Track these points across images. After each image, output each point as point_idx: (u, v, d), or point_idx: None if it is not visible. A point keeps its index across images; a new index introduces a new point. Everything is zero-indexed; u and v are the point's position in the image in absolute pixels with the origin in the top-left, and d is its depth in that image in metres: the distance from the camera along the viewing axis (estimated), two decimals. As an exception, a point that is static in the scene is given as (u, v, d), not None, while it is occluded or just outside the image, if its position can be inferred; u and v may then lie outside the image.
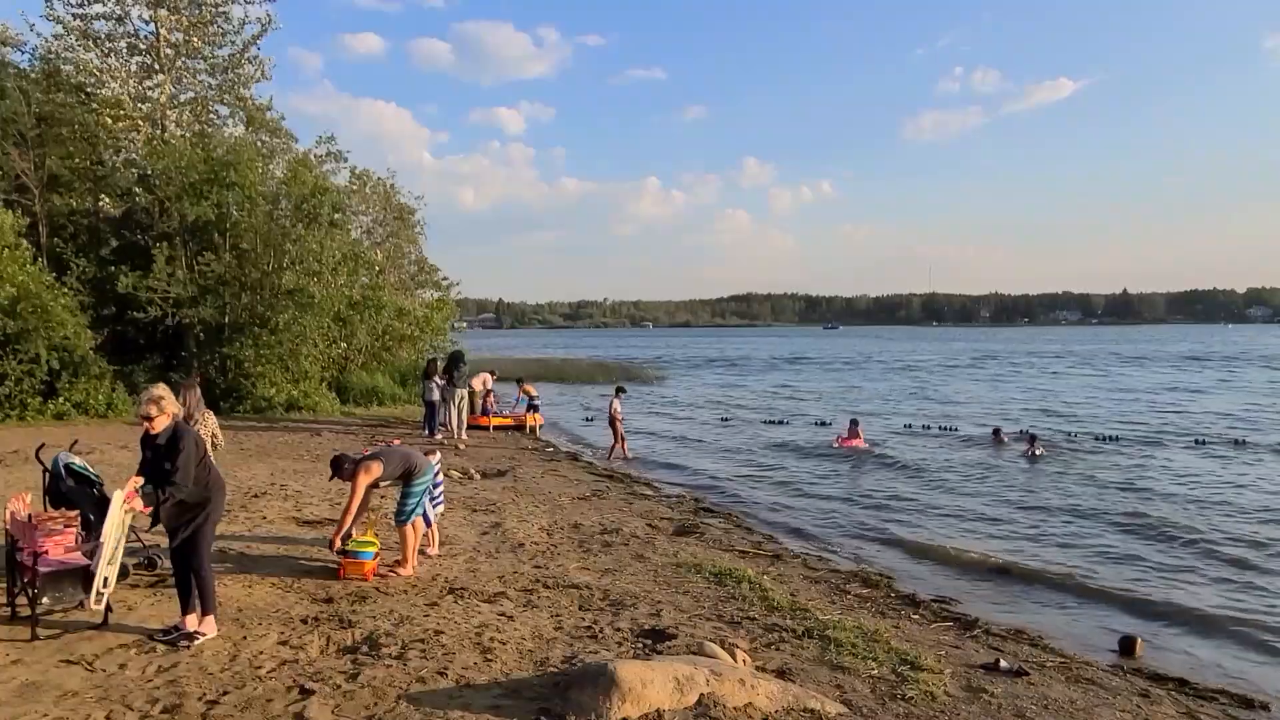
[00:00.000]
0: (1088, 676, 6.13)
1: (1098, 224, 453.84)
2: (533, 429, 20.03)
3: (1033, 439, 18.10)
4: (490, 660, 5.27)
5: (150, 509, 5.39)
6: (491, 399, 20.83)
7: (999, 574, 9.41)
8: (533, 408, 20.38)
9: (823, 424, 23.16)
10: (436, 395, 17.93)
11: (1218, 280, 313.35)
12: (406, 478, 7.15)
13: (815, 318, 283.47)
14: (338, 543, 6.95)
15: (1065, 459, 17.06)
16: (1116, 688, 5.95)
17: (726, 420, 24.58)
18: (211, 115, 23.86)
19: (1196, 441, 19.29)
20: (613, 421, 17.50)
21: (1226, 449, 18.44)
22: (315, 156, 24.15)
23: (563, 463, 15.68)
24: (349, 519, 6.95)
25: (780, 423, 23.84)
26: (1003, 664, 6.04)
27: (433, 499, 7.68)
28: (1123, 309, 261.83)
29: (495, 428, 19.98)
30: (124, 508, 5.30)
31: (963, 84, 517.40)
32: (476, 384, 20.58)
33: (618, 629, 6.09)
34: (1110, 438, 19.88)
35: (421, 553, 7.66)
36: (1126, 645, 7.06)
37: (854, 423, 19.57)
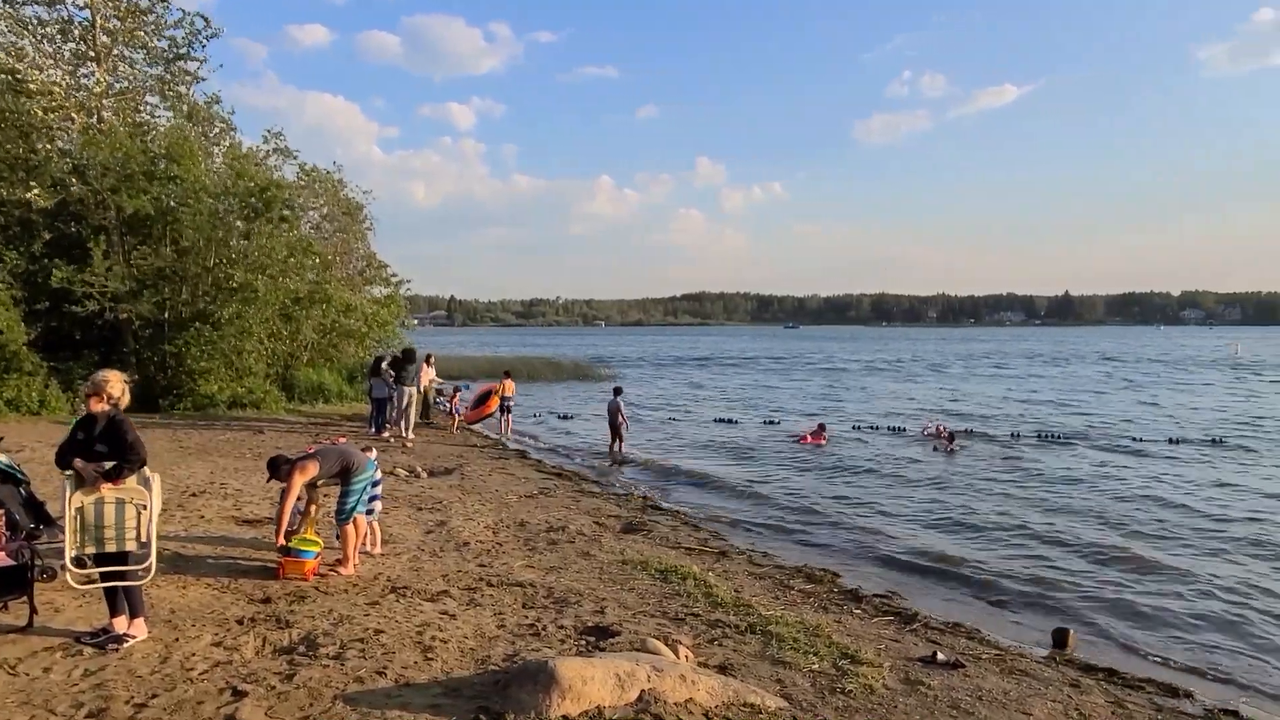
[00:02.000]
0: (1021, 668, 6.28)
1: (1041, 227, 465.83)
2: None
3: (951, 436, 19.01)
4: (431, 659, 5.22)
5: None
6: (456, 399, 20.69)
7: (939, 569, 9.60)
8: (506, 408, 20.35)
9: (771, 422, 23.41)
10: (385, 393, 17.71)
11: (1154, 283, 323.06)
12: (345, 476, 7.05)
13: (768, 317, 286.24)
14: (281, 540, 6.85)
15: (1003, 456, 17.49)
16: (1049, 678, 6.10)
17: (672, 419, 24.66)
18: (149, 107, 23.19)
19: (1135, 439, 19.92)
20: (614, 420, 17.70)
21: (1158, 448, 19.03)
22: (262, 151, 23.64)
23: (511, 460, 15.59)
24: (285, 519, 6.84)
25: (730, 421, 24.00)
26: (940, 657, 6.16)
27: (371, 497, 7.58)
28: (1064, 310, 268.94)
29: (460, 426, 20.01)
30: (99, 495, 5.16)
31: (911, 88, 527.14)
32: (425, 379, 20.38)
33: (561, 626, 6.08)
34: (1053, 436, 20.43)
35: (364, 552, 7.56)
36: (1059, 637, 7.26)
37: (821, 426, 20.22)
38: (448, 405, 20.72)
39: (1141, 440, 19.72)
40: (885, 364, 56.84)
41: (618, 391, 18.41)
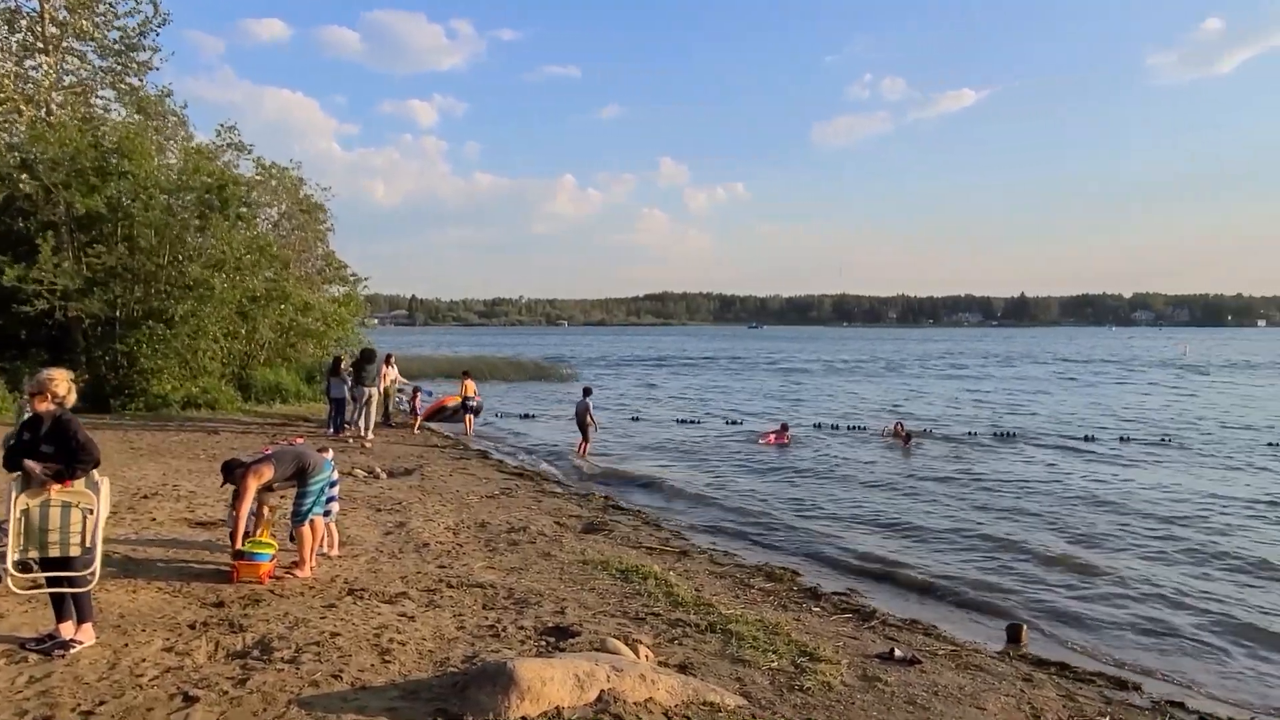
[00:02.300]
0: (976, 663, 6.37)
1: (997, 230, 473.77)
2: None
3: (909, 436, 19.41)
4: (389, 662, 5.16)
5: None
6: (418, 399, 20.53)
7: (896, 567, 9.72)
8: (468, 409, 20.23)
9: (733, 423, 23.53)
10: (343, 393, 17.51)
11: (1107, 285, 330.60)
12: (301, 477, 6.95)
13: (730, 317, 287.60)
14: (236, 543, 6.73)
15: (960, 455, 17.77)
16: (1003, 673, 6.20)
17: (637, 419, 24.67)
18: (103, 101, 22.66)
19: (1086, 438, 20.35)
20: (583, 422, 17.61)
21: (1107, 447, 19.45)
22: (216, 147, 23.20)
23: (472, 461, 15.48)
24: (240, 524, 6.73)
25: (692, 421, 24.07)
26: (897, 653, 6.23)
27: (328, 498, 7.47)
28: (1020, 311, 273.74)
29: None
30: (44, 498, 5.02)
31: (872, 91, 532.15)
32: (386, 379, 20.17)
33: (521, 627, 6.05)
34: (1007, 435, 20.79)
35: (321, 554, 7.46)
36: (1013, 633, 7.39)
37: (784, 426, 20.38)
38: (409, 405, 20.55)
39: (1092, 439, 20.14)
40: (843, 364, 57.45)
41: (587, 392, 18.32)
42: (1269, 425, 23.28)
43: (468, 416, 20.28)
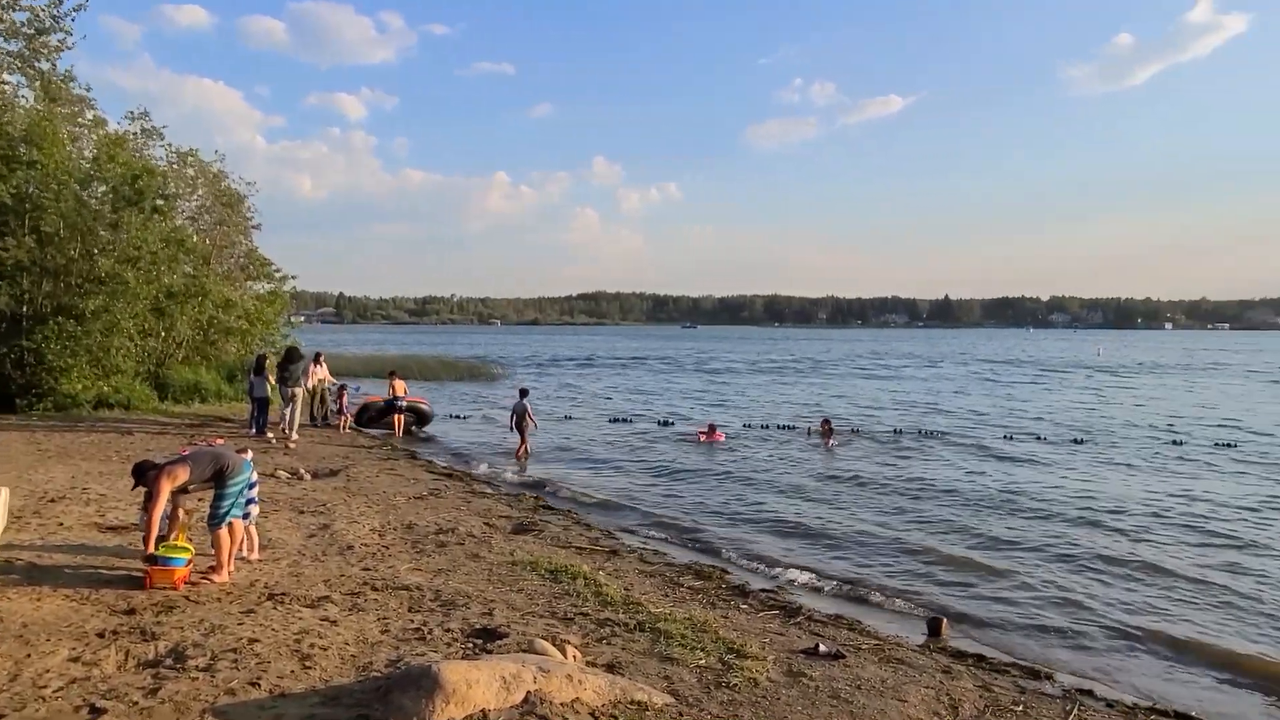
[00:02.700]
0: (898, 657, 6.52)
1: (924, 233, 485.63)
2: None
3: (831, 432, 20.04)
4: (309, 668, 5.04)
5: None
6: (345, 398, 20.11)
7: (823, 562, 9.91)
8: (396, 409, 20.02)
9: (665, 423, 23.64)
10: (266, 392, 17.06)
11: (1025, 288, 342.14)
12: (219, 479, 6.73)
13: (663, 317, 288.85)
14: (149, 547, 6.48)
15: (885, 452, 18.18)
16: (923, 666, 6.36)
17: (569, 418, 24.60)
18: (11, 87, 21.54)
19: (1006, 438, 21.02)
20: (521, 422, 17.52)
21: (1024, 445, 20.12)
22: (128, 134, 22.27)
23: (400, 462, 15.22)
24: (154, 527, 6.48)
25: (624, 420, 24.10)
26: (821, 648, 6.34)
27: (248, 500, 7.25)
28: (945, 313, 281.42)
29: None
30: None
31: (802, 95, 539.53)
32: (315, 378, 19.74)
33: (448, 630, 5.97)
34: (929, 433, 21.34)
35: (240, 558, 7.24)
36: (934, 626, 7.59)
37: (712, 427, 20.59)
38: (336, 404, 20.14)
39: (1010, 439, 20.81)
40: (770, 364, 58.22)
41: (524, 393, 18.19)
42: (1169, 425, 24.37)
43: (397, 417, 19.95)
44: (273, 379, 17.14)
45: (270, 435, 16.59)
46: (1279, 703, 6.39)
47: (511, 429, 17.92)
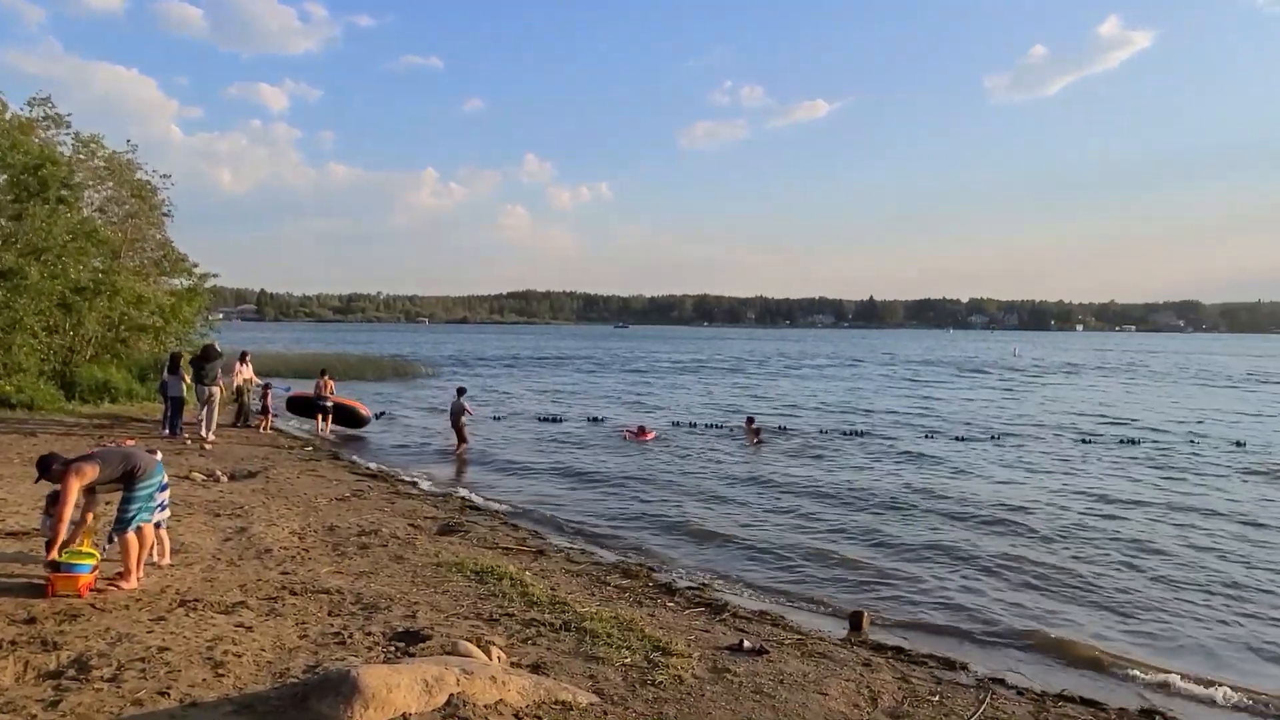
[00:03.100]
0: (820, 651, 6.64)
1: (850, 235, 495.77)
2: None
3: (758, 430, 20.34)
4: (222, 676, 4.88)
5: None
6: (269, 396, 19.58)
7: (749, 559, 10.03)
8: (321, 408, 19.68)
9: (596, 420, 23.63)
10: (180, 391, 16.48)
11: (947, 290, 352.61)
12: (128, 480, 6.47)
13: (594, 316, 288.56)
14: (52, 553, 6.18)
15: (809, 450, 18.51)
16: (844, 659, 6.49)
17: (499, 418, 24.38)
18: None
19: (926, 435, 21.61)
20: (458, 421, 17.55)
21: (944, 442, 20.72)
22: (33, 121, 21.24)
23: (323, 462, 14.88)
24: (62, 528, 6.19)
25: (555, 419, 24.00)
26: (746, 644, 6.41)
27: (160, 504, 6.98)
28: (870, 313, 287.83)
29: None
30: None
31: (732, 97, 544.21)
32: (240, 378, 19.17)
33: (369, 633, 5.86)
34: (854, 432, 21.81)
35: (151, 564, 6.97)
36: (855, 620, 7.75)
37: (641, 427, 20.74)
38: (260, 404, 19.64)
39: (931, 436, 21.41)
40: (698, 363, 58.70)
41: (461, 392, 18.26)
42: (1077, 424, 25.40)
43: (320, 415, 19.58)
44: (188, 378, 16.57)
45: (185, 436, 16.04)
46: (1161, 694, 6.69)
47: (453, 427, 17.89)
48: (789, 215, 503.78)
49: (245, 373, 19.61)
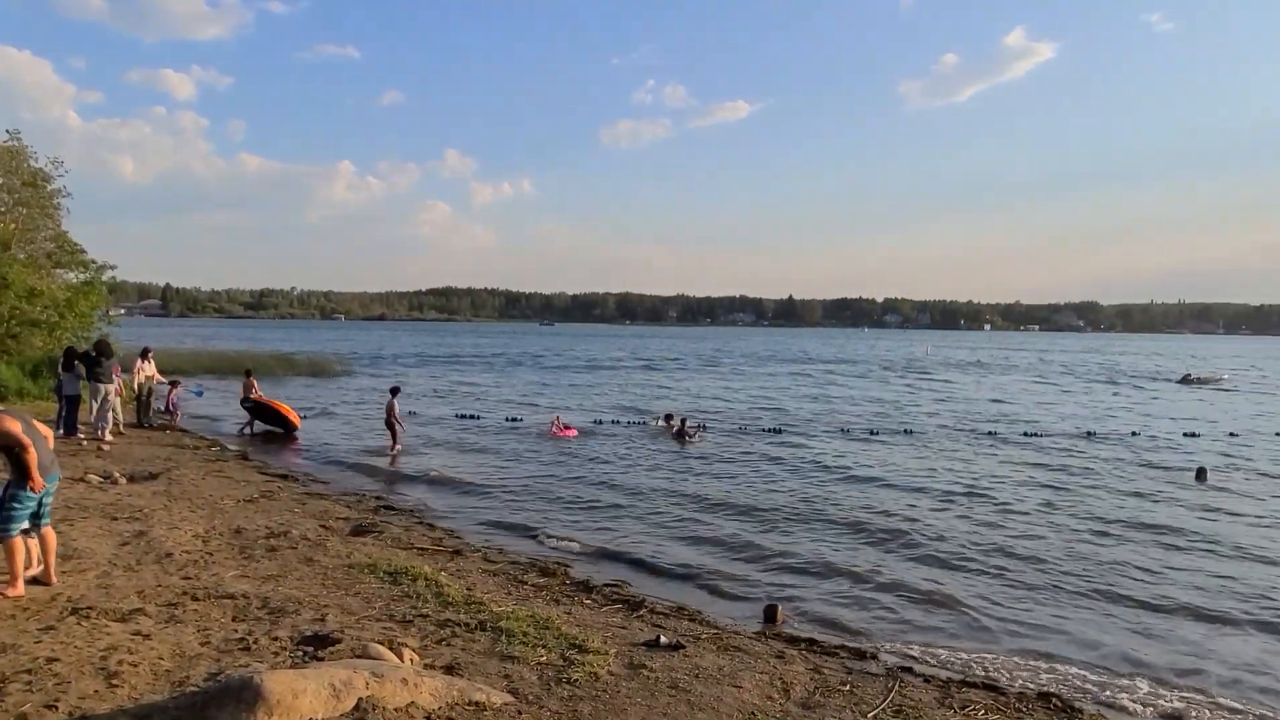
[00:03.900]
0: (736, 644, 6.71)
1: (770, 235, 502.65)
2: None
3: (682, 423, 20.57)
4: (116, 686, 4.66)
5: None
6: (175, 394, 18.88)
7: (665, 556, 10.08)
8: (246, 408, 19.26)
9: (514, 419, 23.43)
10: (76, 389, 15.71)
11: (862, 290, 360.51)
12: (16, 480, 6.13)
13: (515, 314, 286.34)
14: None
15: (729, 447, 18.74)
16: (759, 652, 6.58)
17: (413, 414, 23.96)
18: None
19: (842, 430, 22.11)
20: (390, 421, 17.42)
21: (860, 439, 21.24)
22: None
23: (230, 463, 14.37)
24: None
25: (472, 417, 23.72)
26: (662, 640, 6.44)
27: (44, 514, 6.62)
28: (789, 312, 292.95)
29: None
30: None
31: (655, 96, 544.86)
32: (141, 375, 18.37)
33: (275, 638, 5.68)
34: (773, 429, 22.17)
35: (34, 575, 6.61)
36: (769, 614, 7.88)
37: (563, 423, 20.87)
38: (165, 403, 18.91)
39: (846, 432, 21.93)
40: (612, 361, 58.88)
41: (394, 392, 18.07)
42: (983, 416, 26.37)
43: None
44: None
45: (81, 436, 15.31)
46: (1054, 679, 7.00)
47: (386, 426, 17.74)
48: (711, 215, 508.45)
49: (147, 370, 18.82)
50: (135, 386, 18.32)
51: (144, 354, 19.19)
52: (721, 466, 16.39)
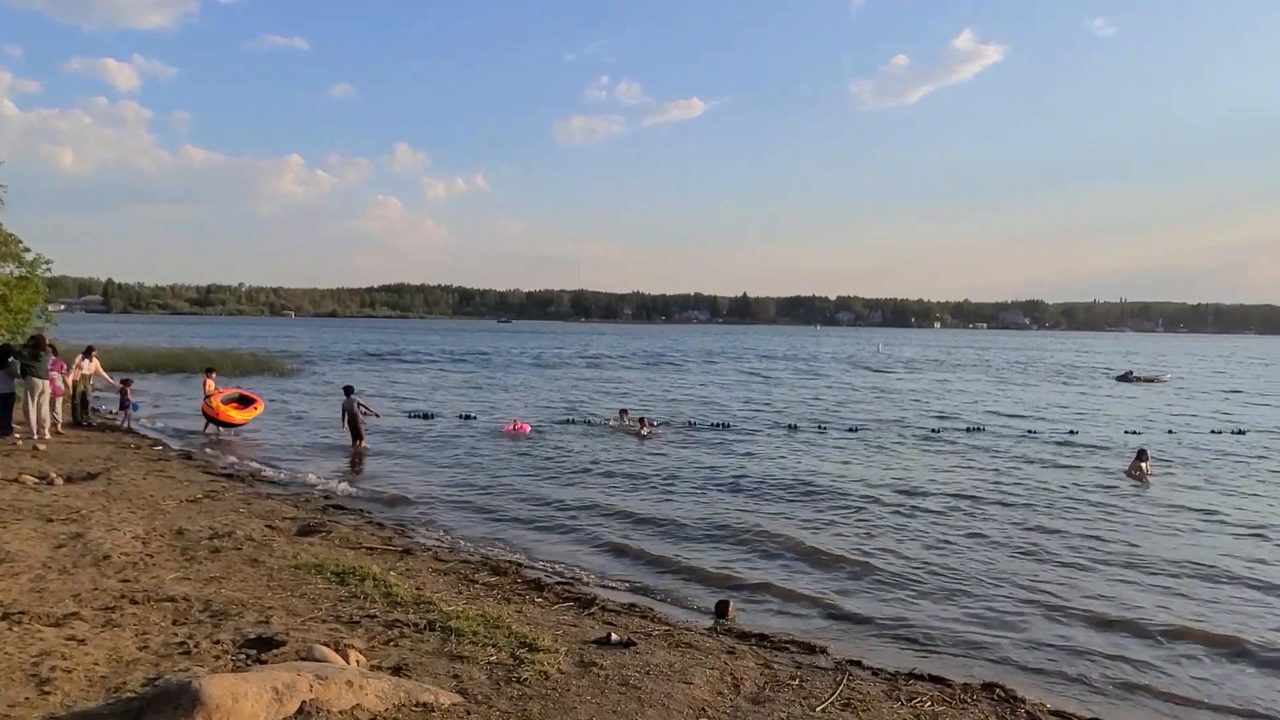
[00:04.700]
0: (687, 641, 6.73)
1: (724, 233, 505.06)
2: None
3: (641, 422, 20.71)
4: (48, 693, 4.52)
5: None
6: (128, 392, 18.44)
7: (618, 553, 10.10)
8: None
9: (466, 416, 23.25)
10: (9, 388, 15.20)
11: (815, 288, 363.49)
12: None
13: (469, 311, 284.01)
14: None
15: (676, 440, 18.80)
16: (710, 648, 6.60)
17: (366, 413, 23.61)
18: None
19: (790, 427, 22.31)
20: (353, 420, 17.26)
21: (810, 435, 21.46)
22: None
23: (173, 463, 14.03)
24: None
25: (425, 415, 23.47)
26: (613, 637, 6.43)
27: None
28: (743, 310, 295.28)
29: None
30: None
31: (609, 93, 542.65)
32: (78, 372, 17.86)
33: (217, 642, 5.56)
34: (723, 425, 22.29)
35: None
36: (721, 609, 7.92)
37: (517, 423, 20.73)
38: (120, 402, 18.56)
39: (795, 429, 22.14)
40: (556, 358, 58.77)
41: (349, 391, 17.83)
42: (924, 414, 26.85)
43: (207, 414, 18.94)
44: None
45: (16, 436, 14.82)
46: (998, 669, 7.15)
47: (346, 426, 17.51)
48: (666, 212, 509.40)
49: (87, 367, 18.34)
50: (74, 384, 17.82)
51: (87, 352, 18.71)
52: (677, 460, 16.42)
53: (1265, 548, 11.06)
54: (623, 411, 22.04)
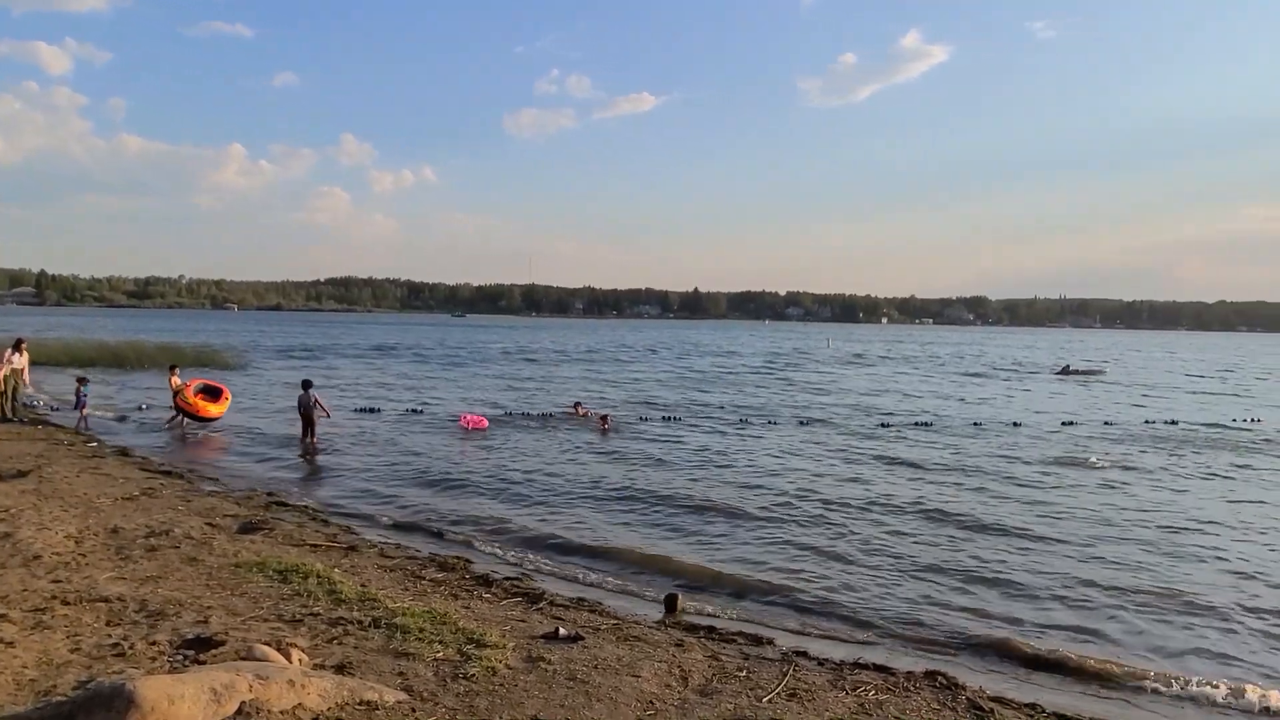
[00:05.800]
0: (636, 634, 6.74)
1: (675, 228, 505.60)
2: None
3: (603, 419, 20.65)
4: (-27, 698, 4.37)
5: None
6: (82, 389, 17.92)
7: (566, 548, 10.09)
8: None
9: (416, 410, 23.01)
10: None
11: (766, 284, 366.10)
12: None
13: (418, 305, 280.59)
14: None
15: (633, 435, 18.83)
16: (658, 641, 6.62)
17: (321, 413, 23.21)
18: None
19: (740, 421, 22.49)
20: (307, 415, 17.07)
21: (760, 428, 21.66)
22: None
23: (108, 459, 13.62)
24: None
25: (372, 410, 23.14)
26: (562, 632, 6.42)
27: None
28: (694, 305, 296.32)
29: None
30: None
31: (559, 86, 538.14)
32: (7, 368, 17.28)
33: (153, 643, 5.42)
34: (674, 419, 22.40)
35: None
36: (670, 603, 7.96)
37: (474, 417, 20.65)
38: (74, 398, 18.04)
39: (745, 423, 22.34)
40: (505, 355, 58.51)
41: (307, 385, 17.57)
42: (875, 408, 27.30)
43: (180, 412, 18.75)
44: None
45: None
46: (944, 659, 7.31)
47: (302, 418, 17.30)
48: (617, 207, 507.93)
49: (17, 361, 17.73)
50: (1, 380, 17.24)
51: (16, 345, 18.10)
52: (633, 453, 16.45)
53: (1193, 525, 11.47)
54: (577, 404, 22.04)
